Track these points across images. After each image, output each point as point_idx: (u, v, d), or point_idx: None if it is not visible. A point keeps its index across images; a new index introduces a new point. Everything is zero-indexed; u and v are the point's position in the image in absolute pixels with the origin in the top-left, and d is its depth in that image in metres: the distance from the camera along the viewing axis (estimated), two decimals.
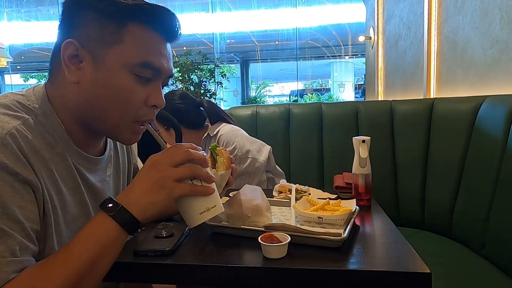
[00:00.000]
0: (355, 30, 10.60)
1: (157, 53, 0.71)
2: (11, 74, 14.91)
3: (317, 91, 16.77)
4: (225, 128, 1.67)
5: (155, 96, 0.72)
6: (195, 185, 0.66)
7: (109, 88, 0.68)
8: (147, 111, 0.73)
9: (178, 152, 0.66)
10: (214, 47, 11.08)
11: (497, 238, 1.30)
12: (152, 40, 0.70)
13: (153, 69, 0.70)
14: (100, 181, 0.81)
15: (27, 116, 0.66)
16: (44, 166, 0.65)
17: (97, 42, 0.67)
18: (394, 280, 0.68)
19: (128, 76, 0.68)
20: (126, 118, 0.71)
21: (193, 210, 0.67)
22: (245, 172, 1.55)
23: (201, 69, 4.65)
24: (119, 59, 0.67)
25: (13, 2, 11.74)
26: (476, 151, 1.53)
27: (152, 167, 0.65)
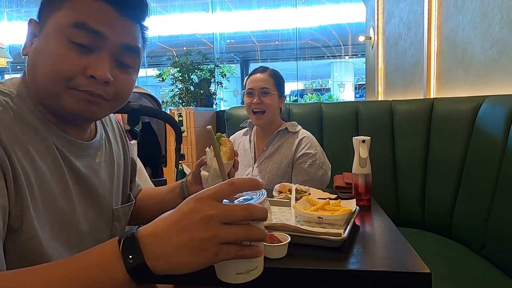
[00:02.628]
0: (355, 30, 10.60)
1: (97, 15, 0.66)
2: (11, 74, 14.91)
3: (317, 91, 16.77)
4: (306, 131, 1.71)
5: (94, 67, 0.65)
6: (243, 248, 0.51)
7: (43, 53, 0.66)
8: (84, 81, 0.66)
9: (237, 210, 0.50)
10: (214, 47, 11.07)
11: (497, 238, 1.30)
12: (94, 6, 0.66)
13: (90, 31, 0.65)
14: (86, 166, 0.77)
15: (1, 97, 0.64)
16: (17, 141, 0.63)
17: (44, 13, 0.68)
18: (394, 280, 0.68)
19: (61, 41, 0.65)
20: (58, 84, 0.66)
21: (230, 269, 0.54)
22: (318, 179, 1.59)
23: (201, 69, 4.65)
24: (55, 24, 0.66)
25: (13, 2, 11.74)
26: (476, 151, 1.53)
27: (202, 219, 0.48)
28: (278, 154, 1.65)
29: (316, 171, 1.59)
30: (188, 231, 0.48)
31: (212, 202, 0.49)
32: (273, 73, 1.68)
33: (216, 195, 0.50)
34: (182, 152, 2.22)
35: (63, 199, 0.71)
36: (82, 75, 0.66)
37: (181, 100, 4.66)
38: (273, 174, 1.62)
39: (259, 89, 1.62)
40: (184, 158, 1.87)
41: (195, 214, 0.49)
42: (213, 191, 0.50)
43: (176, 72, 4.61)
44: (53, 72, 0.65)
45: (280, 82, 1.69)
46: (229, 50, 13.58)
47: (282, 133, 1.69)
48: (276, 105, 1.66)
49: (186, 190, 1.02)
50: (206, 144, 0.99)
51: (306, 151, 1.61)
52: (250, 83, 1.67)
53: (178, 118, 3.50)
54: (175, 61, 4.59)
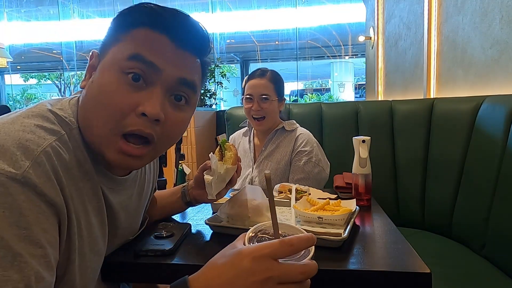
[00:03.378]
0: (355, 30, 10.60)
1: (152, 49, 0.62)
2: (11, 74, 14.90)
3: (317, 91, 16.77)
4: (303, 129, 1.70)
5: (145, 103, 0.61)
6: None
7: (96, 87, 0.62)
8: (134, 120, 0.61)
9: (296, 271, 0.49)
10: (214, 47, 11.07)
11: (497, 238, 1.30)
12: (152, 39, 0.63)
13: (144, 62, 0.61)
14: (119, 202, 0.75)
15: (63, 131, 0.61)
16: (75, 185, 0.61)
17: (106, 47, 0.66)
18: (394, 280, 0.68)
19: (116, 74, 0.61)
20: (109, 126, 0.61)
21: None
22: (315, 177, 1.58)
23: None
24: (112, 56, 0.63)
25: (13, 2, 11.74)
26: (476, 151, 1.53)
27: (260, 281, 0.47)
28: (276, 153, 1.65)
29: (312, 169, 1.58)
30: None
31: (270, 262, 0.48)
32: (272, 77, 1.64)
33: (273, 255, 0.48)
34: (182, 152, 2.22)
35: (102, 239, 0.70)
36: (133, 113, 0.61)
37: None
38: (272, 174, 1.63)
39: (258, 96, 1.60)
40: (184, 158, 1.87)
41: (252, 275, 0.48)
42: (270, 250, 0.49)
43: None
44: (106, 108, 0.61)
45: (280, 86, 1.66)
46: (229, 50, 13.58)
47: (280, 132, 1.68)
48: (276, 110, 1.66)
49: (187, 195, 1.02)
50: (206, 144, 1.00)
51: (302, 148, 1.61)
52: (249, 89, 1.63)
53: None
54: None
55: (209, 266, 0.52)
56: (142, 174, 0.85)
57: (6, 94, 14.48)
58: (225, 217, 0.92)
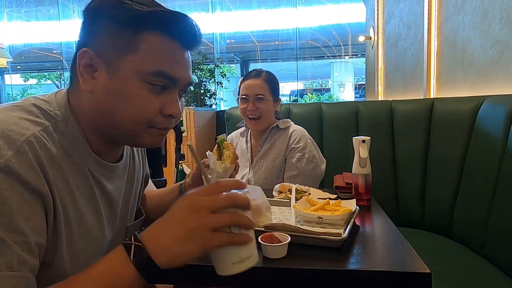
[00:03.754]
0: (355, 30, 10.60)
1: (172, 62, 0.68)
2: (11, 74, 14.90)
3: (317, 91, 16.77)
4: (297, 126, 1.71)
5: (170, 105, 0.69)
6: (233, 235, 0.57)
7: (122, 97, 0.66)
8: (162, 119, 0.70)
9: (220, 197, 0.57)
10: (214, 47, 11.07)
11: (497, 238, 1.30)
12: (167, 48, 0.67)
13: (167, 78, 0.68)
14: (115, 189, 0.78)
15: (47, 122, 0.64)
16: (61, 175, 0.63)
17: (111, 50, 0.66)
18: (394, 280, 0.68)
19: (141, 85, 0.66)
20: (140, 126, 0.69)
21: (225, 259, 0.58)
22: (309, 173, 1.58)
23: (201, 69, 4.65)
24: (132, 68, 0.66)
25: (13, 2, 11.74)
26: (476, 151, 1.53)
27: (189, 210, 0.57)
28: (272, 152, 1.65)
29: (305, 165, 1.57)
30: (181, 224, 0.56)
31: (200, 196, 0.58)
32: (267, 77, 1.65)
33: (203, 192, 0.58)
34: (182, 152, 2.22)
35: (96, 228, 0.72)
36: (159, 114, 0.69)
37: None
38: (268, 172, 1.63)
39: (253, 96, 1.60)
40: (184, 158, 1.87)
41: (186, 208, 0.57)
42: (201, 189, 0.59)
43: None
44: (134, 114, 0.67)
45: (275, 86, 1.67)
46: (229, 50, 13.58)
47: (275, 130, 1.68)
48: (271, 110, 1.66)
49: (185, 192, 1.02)
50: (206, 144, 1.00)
51: (295, 145, 1.61)
52: (244, 89, 1.64)
53: None
54: None
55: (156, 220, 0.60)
56: (131, 160, 0.88)
57: (6, 94, 14.48)
58: None
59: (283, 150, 1.63)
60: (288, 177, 1.58)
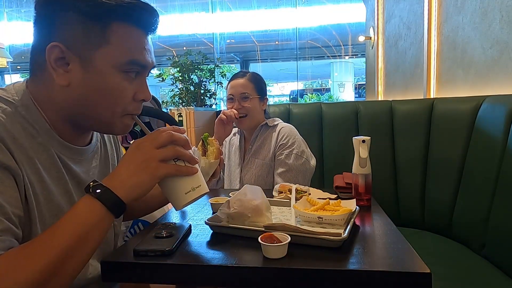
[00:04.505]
0: (355, 30, 10.61)
1: (141, 49, 0.73)
2: (11, 74, 14.90)
3: (317, 91, 16.77)
4: (285, 123, 1.71)
5: (142, 91, 0.75)
6: (179, 165, 0.69)
7: (101, 89, 0.70)
8: (135, 105, 0.75)
9: (161, 135, 0.68)
10: (214, 47, 11.07)
11: (497, 238, 1.30)
12: (136, 37, 0.72)
13: (140, 65, 0.73)
14: (84, 171, 0.80)
15: (5, 106, 0.67)
16: (24, 154, 0.65)
17: (83, 44, 0.68)
18: (394, 280, 0.68)
19: (117, 75, 0.70)
20: (117, 114, 0.73)
21: (178, 190, 0.69)
22: (299, 169, 1.59)
23: (201, 69, 4.65)
24: (108, 60, 0.69)
25: (13, 2, 11.74)
26: (476, 151, 1.53)
27: (136, 149, 0.67)
28: (261, 151, 1.66)
29: (294, 161, 1.58)
30: (132, 161, 0.67)
31: (144, 139, 0.69)
32: (252, 77, 1.68)
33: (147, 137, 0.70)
34: None
35: (68, 207, 0.72)
36: (132, 100, 0.74)
37: (181, 100, 4.66)
38: (259, 170, 1.63)
39: (238, 95, 1.64)
40: None
41: (133, 149, 0.68)
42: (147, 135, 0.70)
43: (176, 72, 4.61)
44: (115, 105, 0.72)
45: (261, 86, 1.69)
46: (229, 50, 13.59)
47: (264, 129, 1.69)
48: (257, 108, 1.68)
49: None
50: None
51: (283, 142, 1.62)
52: (230, 89, 1.68)
53: (178, 118, 3.50)
54: (175, 61, 4.59)
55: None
56: (103, 146, 0.90)
57: None
58: (225, 217, 0.92)
59: (272, 147, 1.64)
60: (278, 174, 1.58)
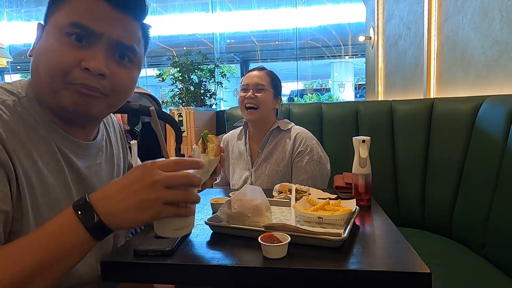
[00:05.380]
0: (355, 30, 10.61)
1: (93, 16, 0.68)
2: (11, 74, 14.90)
3: (317, 91, 16.77)
4: (299, 128, 1.68)
5: (89, 59, 0.67)
6: (180, 208, 0.63)
7: (43, 52, 0.69)
8: (80, 74, 0.67)
9: (178, 176, 0.60)
10: (214, 47, 11.07)
11: (497, 238, 1.30)
12: (90, 5, 0.68)
13: (84, 29, 0.67)
14: (87, 167, 0.79)
15: (8, 98, 0.67)
16: (21, 146, 0.65)
17: (46, 16, 0.71)
18: (394, 280, 0.68)
19: (60, 37, 0.67)
20: (58, 79, 0.67)
21: (168, 226, 0.66)
22: (318, 175, 1.58)
23: (201, 69, 4.65)
24: (54, 23, 0.69)
25: (13, 2, 11.74)
26: (476, 151, 1.53)
27: (147, 184, 0.59)
28: (274, 156, 1.63)
29: (315, 167, 1.57)
30: (137, 194, 0.59)
31: (156, 170, 0.60)
32: (270, 72, 1.68)
33: (161, 167, 0.60)
34: (182, 152, 2.22)
35: (66, 200, 0.72)
36: (77, 67, 0.67)
37: (181, 100, 4.66)
38: (272, 176, 1.61)
39: (253, 85, 1.61)
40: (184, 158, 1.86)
41: (143, 179, 0.59)
42: (159, 163, 0.61)
43: (176, 72, 4.61)
44: (51, 66, 0.67)
45: (277, 83, 1.67)
46: (229, 50, 13.59)
47: (275, 132, 1.66)
48: (270, 103, 1.63)
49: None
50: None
51: (302, 148, 1.59)
52: (245, 79, 1.66)
53: (178, 118, 3.50)
54: (175, 61, 4.59)
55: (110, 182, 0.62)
56: (108, 145, 0.89)
57: None
58: (225, 217, 0.92)
59: (287, 153, 1.61)
60: (298, 180, 1.56)
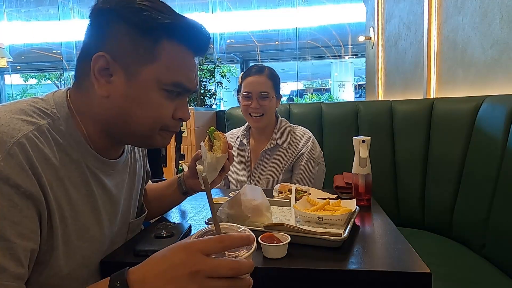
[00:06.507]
0: (355, 30, 10.60)
1: (187, 71, 0.72)
2: (11, 74, 14.90)
3: (317, 91, 16.77)
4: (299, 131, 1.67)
5: (182, 110, 0.74)
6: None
7: (141, 103, 0.69)
8: (173, 123, 0.74)
9: (224, 267, 0.50)
10: (214, 47, 11.07)
11: (497, 238, 1.30)
12: (184, 59, 0.71)
13: (184, 89, 0.72)
14: (115, 185, 0.79)
15: (43, 121, 0.64)
16: (55, 175, 0.63)
17: (130, 57, 0.67)
18: (394, 280, 0.68)
19: (159, 92, 0.69)
20: (155, 130, 0.73)
21: None
22: (316, 174, 1.57)
23: (201, 69, 4.65)
24: (153, 77, 0.68)
25: (13, 2, 11.73)
26: (476, 151, 1.53)
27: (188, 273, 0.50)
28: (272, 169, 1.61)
29: (313, 166, 1.57)
30: (175, 282, 0.50)
31: (201, 256, 0.50)
32: (270, 73, 1.61)
33: (205, 250, 0.51)
34: (182, 152, 2.22)
35: (94, 224, 0.72)
36: (171, 118, 0.73)
37: None
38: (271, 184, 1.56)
39: (258, 93, 1.56)
40: (184, 158, 1.86)
41: (183, 267, 0.50)
42: (203, 245, 0.51)
43: None
44: (153, 122, 0.71)
45: (277, 83, 1.64)
46: (229, 50, 13.58)
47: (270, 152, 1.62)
48: (274, 107, 1.63)
49: (183, 184, 1.03)
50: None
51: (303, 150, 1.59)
52: (247, 86, 1.59)
53: None
54: None
55: (150, 258, 0.54)
56: (132, 157, 0.89)
57: (6, 94, 14.47)
58: (225, 217, 0.92)
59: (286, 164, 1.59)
60: (297, 180, 1.55)
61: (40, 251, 0.60)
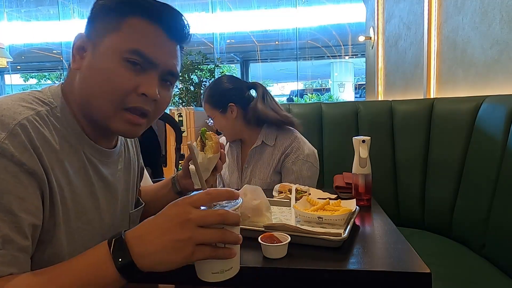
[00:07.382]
0: (355, 30, 10.60)
1: (151, 44, 0.71)
2: (11, 74, 14.90)
3: (317, 91, 16.76)
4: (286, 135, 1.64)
5: (146, 85, 0.70)
6: (217, 249, 0.57)
7: (99, 72, 0.69)
8: (135, 98, 0.70)
9: (211, 214, 0.56)
10: (214, 47, 11.07)
11: (497, 238, 1.30)
12: (149, 32, 0.71)
13: (143, 57, 0.70)
14: (112, 174, 0.81)
15: (42, 108, 0.67)
16: (55, 157, 0.65)
17: (98, 31, 0.71)
18: (394, 280, 0.68)
19: (118, 61, 0.69)
20: (114, 104, 0.70)
21: (206, 268, 0.59)
22: (305, 174, 1.56)
23: (201, 69, 4.65)
24: (112, 45, 0.69)
25: (13, 2, 11.73)
26: (476, 151, 1.53)
27: (179, 222, 0.55)
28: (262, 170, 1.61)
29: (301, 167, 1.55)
30: (169, 233, 0.55)
31: (190, 207, 0.56)
32: (207, 96, 1.63)
33: (194, 203, 0.57)
34: (182, 152, 2.22)
35: (92, 209, 0.74)
36: (134, 92, 0.70)
37: (181, 100, 4.67)
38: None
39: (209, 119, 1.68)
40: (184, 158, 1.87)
41: (175, 217, 0.56)
42: (192, 199, 0.57)
43: None
44: (109, 89, 0.69)
45: (215, 99, 1.60)
46: (229, 50, 13.57)
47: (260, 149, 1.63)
48: (224, 122, 1.61)
49: (177, 184, 1.04)
50: None
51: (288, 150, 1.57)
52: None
53: (178, 118, 3.51)
54: None
55: (145, 220, 0.59)
56: (126, 150, 0.90)
57: (6, 94, 14.46)
58: None
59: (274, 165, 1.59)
60: (287, 182, 1.54)
61: (43, 229, 0.62)
